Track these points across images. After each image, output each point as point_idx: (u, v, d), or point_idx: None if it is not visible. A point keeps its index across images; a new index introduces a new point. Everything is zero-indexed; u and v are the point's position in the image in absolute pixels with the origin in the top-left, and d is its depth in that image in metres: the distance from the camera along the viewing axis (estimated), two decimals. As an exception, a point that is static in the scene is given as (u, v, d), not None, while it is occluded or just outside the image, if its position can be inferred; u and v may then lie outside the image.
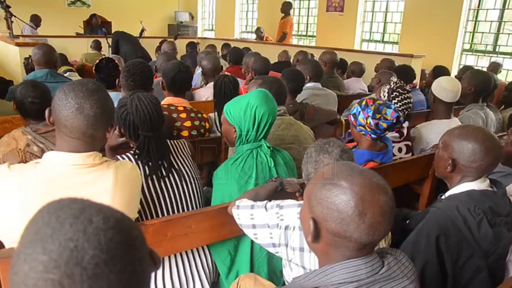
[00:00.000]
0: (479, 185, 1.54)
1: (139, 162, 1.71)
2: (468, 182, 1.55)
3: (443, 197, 1.61)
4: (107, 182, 1.35)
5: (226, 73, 3.12)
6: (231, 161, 1.80)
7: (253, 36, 9.89)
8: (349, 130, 2.31)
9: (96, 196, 1.30)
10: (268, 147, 1.82)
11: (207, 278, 1.82)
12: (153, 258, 0.67)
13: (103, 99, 1.33)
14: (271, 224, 1.41)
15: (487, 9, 6.67)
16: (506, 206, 1.55)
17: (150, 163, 1.72)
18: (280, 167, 1.85)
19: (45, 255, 0.55)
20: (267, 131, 1.83)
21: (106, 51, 7.35)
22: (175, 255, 1.75)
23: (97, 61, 3.02)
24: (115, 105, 1.81)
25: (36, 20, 8.64)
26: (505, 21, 6.49)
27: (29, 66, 4.14)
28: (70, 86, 1.30)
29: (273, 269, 1.79)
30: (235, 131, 1.81)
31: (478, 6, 6.71)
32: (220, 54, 6.63)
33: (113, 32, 7.78)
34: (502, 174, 2.04)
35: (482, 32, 6.75)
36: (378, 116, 2.00)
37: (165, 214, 1.74)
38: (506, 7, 6.41)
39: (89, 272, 0.54)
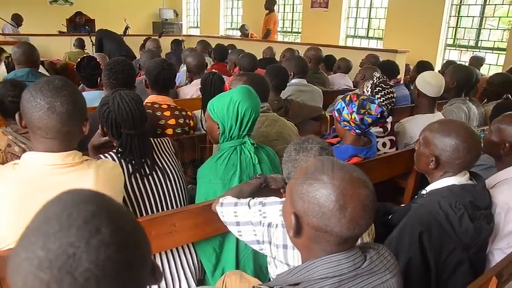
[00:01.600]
0: (460, 179, 1.55)
1: (122, 160, 1.70)
2: (449, 177, 1.56)
3: (424, 192, 1.62)
4: (87, 182, 1.33)
5: (214, 70, 3.10)
6: (215, 158, 1.80)
7: (239, 33, 9.87)
8: (334, 126, 2.32)
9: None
10: (252, 144, 1.82)
11: (192, 276, 1.82)
12: (154, 274, 0.66)
13: (72, 93, 1.30)
14: (254, 222, 1.41)
15: (469, 5, 6.75)
16: (486, 199, 1.56)
17: (133, 161, 1.71)
18: (264, 163, 1.85)
19: (43, 252, 0.54)
20: (251, 128, 1.83)
21: (90, 50, 7.26)
22: (160, 254, 1.74)
23: (78, 60, 2.98)
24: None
25: (17, 20, 8.47)
26: (486, 17, 6.58)
27: (9, 66, 4.06)
28: (36, 86, 1.26)
29: (259, 266, 1.78)
30: (218, 127, 1.81)
31: (460, 2, 6.79)
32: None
33: (96, 30, 7.68)
34: (484, 167, 2.07)
35: (465, 28, 6.84)
36: (362, 111, 2.01)
37: (149, 212, 1.73)
38: (487, 3, 6.50)
39: (78, 284, 0.53)
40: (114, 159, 1.68)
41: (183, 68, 4.62)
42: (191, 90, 3.63)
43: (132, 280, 0.59)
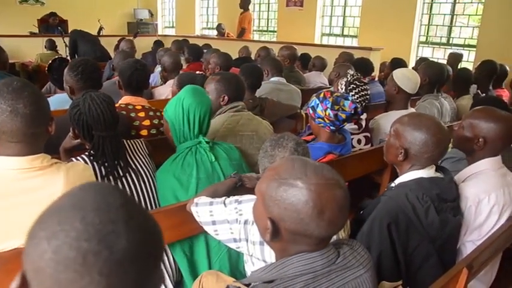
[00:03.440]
0: (427, 172, 1.58)
1: (94, 163, 1.67)
2: (417, 170, 1.58)
3: (392, 184, 1.65)
4: (57, 185, 1.30)
5: (199, 72, 3.08)
6: (170, 160, 1.82)
7: (214, 32, 9.85)
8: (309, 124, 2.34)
9: (47, 200, 1.24)
10: (207, 143, 1.83)
11: (170, 278, 1.80)
12: (159, 281, 0.66)
13: (34, 94, 1.27)
14: (231, 219, 1.41)
15: (440, 3, 6.90)
16: (453, 191, 1.60)
17: (105, 164, 1.68)
18: (222, 160, 1.86)
19: (81, 225, 0.55)
20: (200, 126, 1.83)
21: (62, 51, 7.12)
22: (135, 257, 1.71)
23: (50, 61, 2.92)
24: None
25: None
26: (456, 15, 6.73)
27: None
28: None
29: (236, 266, 1.78)
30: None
31: (432, 0, 6.93)
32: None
33: (69, 31, 7.52)
34: (454, 160, 2.10)
35: (437, 25, 6.98)
36: (336, 107, 2.03)
37: (124, 215, 1.70)
38: (457, 1, 6.66)
39: (114, 259, 0.54)
40: (86, 162, 1.66)
41: (158, 69, 4.58)
42: (166, 90, 3.60)
43: (153, 271, 0.61)
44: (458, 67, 5.42)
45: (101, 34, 7.67)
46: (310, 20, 8.53)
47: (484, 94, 3.79)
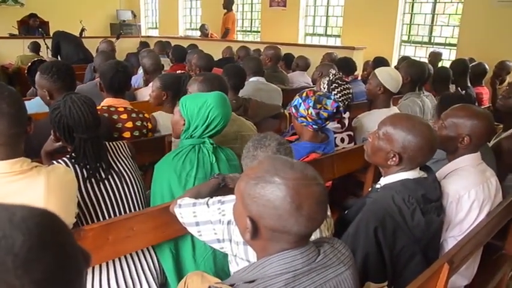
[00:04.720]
0: (413, 173, 1.57)
1: (76, 165, 1.65)
2: (404, 172, 1.56)
3: (377, 186, 1.64)
4: (38, 189, 1.29)
5: (181, 71, 3.08)
6: (172, 154, 1.80)
7: (198, 33, 9.82)
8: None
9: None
10: (211, 144, 1.83)
11: (154, 280, 1.79)
12: (83, 255, 0.64)
13: (13, 93, 1.28)
14: (214, 220, 1.41)
15: (421, 3, 7.00)
16: (436, 191, 1.60)
17: (87, 166, 1.67)
18: (222, 163, 1.85)
19: None
20: (215, 133, 1.85)
21: (45, 53, 7.01)
22: (119, 259, 1.70)
23: (29, 64, 2.88)
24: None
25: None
26: (437, 14, 6.84)
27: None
28: None
29: (222, 267, 1.78)
30: (184, 123, 1.81)
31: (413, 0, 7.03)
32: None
33: (51, 32, 7.39)
34: (433, 161, 2.12)
35: (418, 24, 7.08)
36: (318, 106, 2.05)
37: (106, 217, 1.69)
38: (437, 0, 6.76)
39: (22, 258, 0.52)
40: (67, 165, 1.64)
41: (141, 70, 4.54)
42: (148, 92, 3.57)
43: (70, 244, 0.59)
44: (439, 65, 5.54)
45: (83, 36, 7.55)
46: (294, 20, 8.57)
47: (464, 91, 3.85)
